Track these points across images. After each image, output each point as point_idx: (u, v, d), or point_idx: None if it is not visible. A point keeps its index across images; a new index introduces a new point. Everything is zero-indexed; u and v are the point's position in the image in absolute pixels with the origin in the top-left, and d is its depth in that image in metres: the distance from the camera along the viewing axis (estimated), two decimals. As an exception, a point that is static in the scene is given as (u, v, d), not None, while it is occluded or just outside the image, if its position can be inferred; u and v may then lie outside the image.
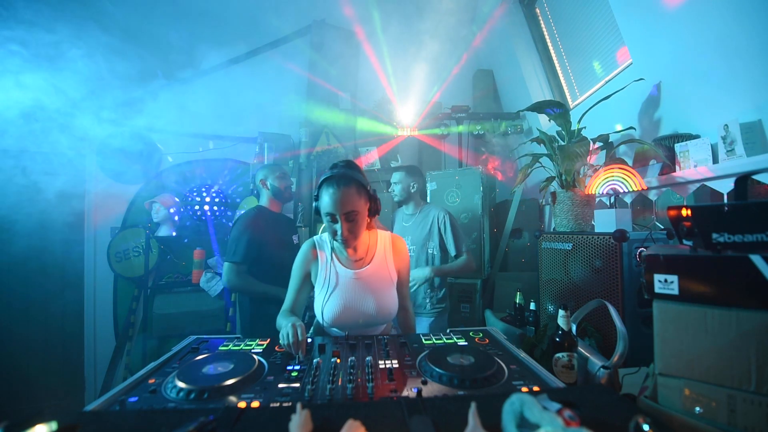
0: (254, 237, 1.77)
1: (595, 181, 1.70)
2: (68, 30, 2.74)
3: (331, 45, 3.28)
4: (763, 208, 0.65)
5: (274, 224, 1.89)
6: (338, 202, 1.09)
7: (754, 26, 1.37)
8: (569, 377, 1.04)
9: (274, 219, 1.92)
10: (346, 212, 1.10)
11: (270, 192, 1.92)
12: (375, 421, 0.57)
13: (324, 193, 1.11)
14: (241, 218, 1.87)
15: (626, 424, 0.52)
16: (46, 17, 2.69)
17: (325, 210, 1.12)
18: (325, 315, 1.20)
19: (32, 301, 2.73)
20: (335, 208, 1.09)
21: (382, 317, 1.22)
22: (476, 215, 2.63)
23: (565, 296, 1.66)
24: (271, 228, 1.85)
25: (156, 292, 2.69)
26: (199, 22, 3.09)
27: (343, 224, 1.11)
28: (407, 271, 1.37)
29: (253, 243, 1.76)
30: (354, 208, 1.11)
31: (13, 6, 2.57)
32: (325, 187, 1.12)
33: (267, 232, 1.81)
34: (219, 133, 3.19)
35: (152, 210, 2.80)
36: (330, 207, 1.10)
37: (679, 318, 0.71)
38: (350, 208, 1.10)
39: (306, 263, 1.27)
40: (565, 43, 2.80)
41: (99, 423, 0.61)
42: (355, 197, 1.11)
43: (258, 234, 1.79)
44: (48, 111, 2.72)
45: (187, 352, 1.02)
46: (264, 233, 1.80)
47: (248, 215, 1.86)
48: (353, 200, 1.11)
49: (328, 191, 1.10)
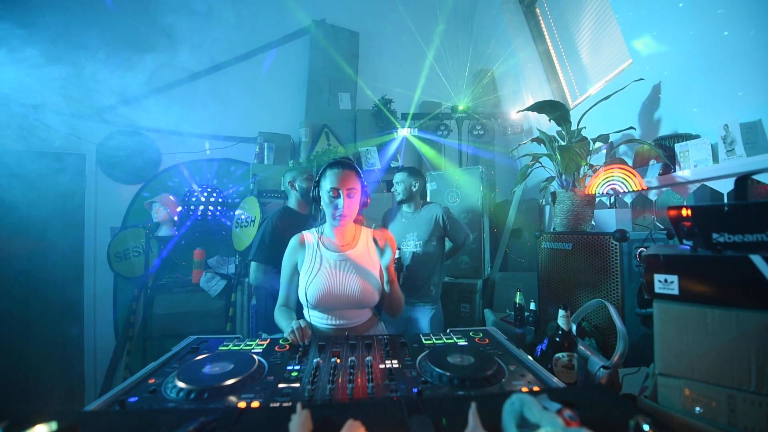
0: (278, 237, 1.82)
1: (595, 181, 1.70)
2: (65, 27, 2.74)
3: (331, 45, 3.28)
4: (763, 208, 0.65)
5: (299, 225, 1.94)
6: (343, 179, 1.22)
7: (754, 26, 1.37)
8: (569, 377, 1.04)
9: (300, 220, 1.96)
10: (348, 188, 1.22)
11: (298, 193, 1.98)
12: (375, 421, 0.57)
13: (329, 173, 1.24)
14: (267, 219, 1.95)
15: (626, 424, 0.52)
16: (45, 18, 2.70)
17: (329, 186, 1.22)
18: (308, 295, 1.23)
19: (32, 301, 2.72)
20: (339, 184, 1.22)
21: (365, 299, 1.25)
22: (476, 215, 2.63)
23: (565, 296, 1.66)
24: (296, 229, 1.90)
25: (156, 292, 2.69)
26: (199, 21, 3.09)
27: (344, 200, 1.22)
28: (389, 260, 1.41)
29: (276, 243, 1.81)
30: (354, 187, 1.24)
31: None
32: (329, 169, 1.25)
33: (292, 233, 1.86)
34: (219, 133, 3.19)
35: (152, 210, 2.80)
36: (335, 182, 1.22)
37: (679, 318, 0.71)
38: (352, 185, 1.23)
39: (293, 254, 1.33)
40: (565, 43, 2.80)
41: (99, 423, 0.61)
42: (356, 180, 1.25)
43: (282, 234, 1.83)
44: (48, 110, 2.72)
45: (187, 352, 1.02)
46: (289, 234, 1.85)
47: (274, 216, 1.94)
48: (354, 181, 1.24)
49: (333, 171, 1.23)
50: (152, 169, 3.03)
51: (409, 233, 2.09)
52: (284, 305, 1.32)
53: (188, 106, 3.09)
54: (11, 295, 2.68)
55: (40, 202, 2.71)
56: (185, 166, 3.08)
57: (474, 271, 2.62)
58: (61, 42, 2.69)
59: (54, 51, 2.64)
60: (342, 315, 1.26)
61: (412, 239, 2.07)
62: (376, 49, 3.62)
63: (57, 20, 2.71)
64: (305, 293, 1.23)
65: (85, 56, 2.72)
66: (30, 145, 2.71)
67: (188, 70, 3.11)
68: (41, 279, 2.75)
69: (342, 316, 1.26)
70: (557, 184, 1.81)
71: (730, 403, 0.64)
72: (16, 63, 2.51)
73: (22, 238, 2.71)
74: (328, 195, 1.23)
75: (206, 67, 3.17)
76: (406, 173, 2.10)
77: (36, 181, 2.73)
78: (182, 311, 2.64)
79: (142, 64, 2.90)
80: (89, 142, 2.86)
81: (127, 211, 2.96)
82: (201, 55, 3.12)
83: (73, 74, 2.69)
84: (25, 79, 2.55)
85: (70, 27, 2.75)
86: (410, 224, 2.11)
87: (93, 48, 2.76)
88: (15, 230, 2.69)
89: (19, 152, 2.69)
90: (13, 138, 2.64)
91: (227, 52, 3.23)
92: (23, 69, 2.54)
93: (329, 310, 1.25)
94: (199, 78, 3.15)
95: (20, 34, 2.52)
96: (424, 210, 2.12)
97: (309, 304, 1.24)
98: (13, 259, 2.68)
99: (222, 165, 3.18)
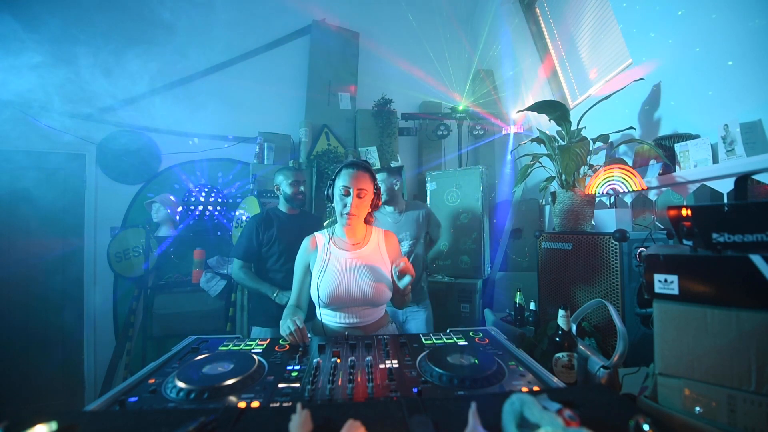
0: (256, 237, 1.91)
1: (595, 181, 1.70)
2: (66, 27, 2.74)
3: (331, 45, 3.28)
4: (763, 208, 0.65)
5: (284, 224, 1.97)
6: (356, 179, 1.26)
7: (754, 26, 1.37)
8: (569, 377, 1.04)
9: (285, 219, 2.00)
10: (359, 188, 1.26)
11: (282, 197, 2.03)
12: (375, 421, 0.57)
13: (344, 172, 1.28)
14: (251, 217, 2.05)
15: (626, 424, 0.52)
16: (45, 18, 2.70)
17: (342, 183, 1.26)
18: (320, 293, 1.24)
19: (32, 301, 2.72)
20: (351, 183, 1.25)
21: (377, 297, 1.25)
22: (476, 215, 2.62)
23: (565, 296, 1.66)
24: (280, 228, 1.95)
25: (156, 292, 2.69)
26: (200, 21, 3.09)
27: (354, 199, 1.26)
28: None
29: (254, 242, 1.91)
30: (366, 188, 1.28)
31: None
32: (345, 169, 1.29)
33: (272, 233, 1.93)
34: (219, 133, 3.19)
35: (152, 210, 2.80)
36: (347, 181, 1.26)
37: (679, 318, 0.71)
38: (363, 186, 1.27)
39: (306, 255, 1.35)
40: (565, 43, 2.80)
41: (99, 423, 0.61)
42: (368, 181, 1.30)
43: (260, 234, 1.92)
44: (48, 110, 2.72)
45: (187, 352, 1.02)
46: (268, 233, 1.93)
47: (255, 217, 2.03)
48: (366, 182, 1.29)
49: (348, 171, 1.28)
50: (152, 169, 3.03)
51: (400, 234, 2.07)
52: (295, 305, 1.33)
53: (188, 106, 3.09)
54: (11, 295, 2.68)
55: (40, 202, 2.71)
56: (185, 166, 3.08)
57: (474, 271, 2.62)
58: (61, 42, 2.69)
59: (54, 51, 2.64)
60: (354, 313, 1.27)
61: (404, 240, 2.06)
62: (376, 49, 3.61)
63: (57, 20, 2.71)
64: (317, 292, 1.25)
65: (85, 56, 2.72)
66: (30, 145, 2.71)
67: (188, 70, 3.11)
68: (41, 279, 2.74)
69: (354, 314, 1.27)
70: (557, 184, 1.81)
71: (730, 403, 0.64)
72: (16, 63, 2.51)
73: (22, 238, 2.71)
74: (339, 192, 1.27)
75: (206, 67, 3.17)
76: (386, 173, 2.09)
77: (36, 181, 2.73)
78: (182, 311, 2.64)
79: (143, 64, 2.90)
80: (89, 142, 2.86)
81: (127, 211, 2.96)
82: (201, 55, 3.12)
83: (73, 74, 2.69)
84: (25, 79, 2.55)
85: (70, 27, 2.75)
86: (401, 225, 2.09)
87: (93, 48, 2.76)
88: (15, 230, 2.69)
89: (19, 152, 2.69)
90: (13, 138, 2.64)
91: (227, 51, 3.23)
92: (23, 69, 2.54)
93: (341, 308, 1.26)
94: (199, 78, 3.15)
95: (20, 35, 2.52)
96: (412, 209, 2.13)
97: (321, 302, 1.26)
98: (12, 260, 2.68)
99: (222, 165, 3.18)
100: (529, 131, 3.15)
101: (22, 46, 2.52)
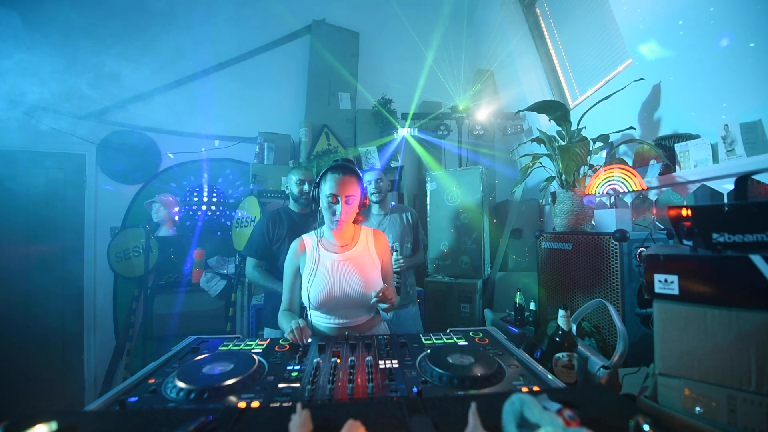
0: (267, 234, 1.92)
1: (595, 181, 1.70)
2: (66, 27, 2.74)
3: (331, 45, 3.28)
4: (763, 208, 0.65)
5: (294, 224, 1.98)
6: (342, 185, 1.22)
7: (754, 26, 1.37)
8: (569, 377, 1.04)
9: (295, 218, 2.00)
10: (347, 195, 1.23)
11: (290, 197, 2.05)
12: (375, 421, 0.57)
13: (329, 178, 1.24)
14: (262, 216, 2.05)
15: (626, 424, 0.52)
16: (45, 18, 2.70)
17: (328, 191, 1.23)
18: (311, 296, 1.24)
19: (32, 301, 2.72)
20: (339, 190, 1.22)
21: (366, 298, 1.25)
22: (476, 215, 2.62)
23: (565, 296, 1.66)
24: (290, 227, 1.95)
25: (156, 292, 2.69)
26: (200, 21, 3.09)
27: (342, 206, 1.23)
28: (390, 262, 1.43)
29: (265, 239, 1.92)
30: (353, 194, 1.25)
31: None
32: (330, 173, 1.25)
33: (282, 231, 1.94)
34: (219, 133, 3.19)
35: (152, 210, 2.80)
36: (334, 188, 1.22)
37: (679, 318, 0.71)
38: (351, 192, 1.24)
39: (295, 258, 1.34)
40: (565, 43, 2.79)
41: (99, 423, 0.61)
42: (355, 185, 1.26)
43: (271, 232, 1.93)
44: (48, 110, 2.72)
45: (187, 352, 1.02)
46: (278, 232, 1.94)
47: (266, 214, 2.03)
48: (353, 187, 1.25)
49: (333, 176, 1.23)
50: (152, 169, 3.03)
51: (388, 234, 2.03)
52: (287, 309, 1.32)
53: (188, 106, 3.09)
54: (11, 296, 2.68)
55: (41, 202, 2.71)
56: (185, 166, 3.08)
57: (474, 271, 2.62)
58: (61, 42, 2.69)
59: (54, 51, 2.64)
60: (344, 315, 1.27)
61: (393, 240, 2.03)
62: (376, 49, 3.61)
63: (58, 20, 2.71)
64: (308, 295, 1.25)
65: (86, 56, 2.72)
66: (30, 145, 2.71)
67: (188, 70, 3.11)
68: (41, 279, 2.74)
69: (344, 315, 1.27)
70: (557, 184, 1.81)
71: (730, 403, 0.64)
72: (16, 63, 2.51)
73: (22, 238, 2.71)
74: (327, 200, 1.24)
75: (206, 67, 3.17)
76: (375, 171, 2.10)
77: (36, 181, 2.73)
78: (182, 311, 2.64)
79: (143, 64, 2.90)
80: (89, 142, 2.86)
81: (127, 211, 2.96)
82: (201, 55, 3.12)
83: (73, 74, 2.69)
84: (25, 78, 2.56)
85: (71, 27, 2.75)
86: (388, 226, 2.08)
87: (93, 48, 2.76)
88: (14, 230, 2.69)
89: (19, 152, 2.69)
90: (13, 138, 2.64)
91: (227, 51, 3.23)
92: (23, 69, 2.54)
93: (331, 310, 1.26)
94: (199, 78, 3.15)
95: (20, 35, 2.52)
96: (397, 211, 2.12)
97: (311, 305, 1.25)
98: (12, 260, 2.68)
99: (222, 165, 3.18)
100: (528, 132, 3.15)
101: (23, 45, 2.52)
